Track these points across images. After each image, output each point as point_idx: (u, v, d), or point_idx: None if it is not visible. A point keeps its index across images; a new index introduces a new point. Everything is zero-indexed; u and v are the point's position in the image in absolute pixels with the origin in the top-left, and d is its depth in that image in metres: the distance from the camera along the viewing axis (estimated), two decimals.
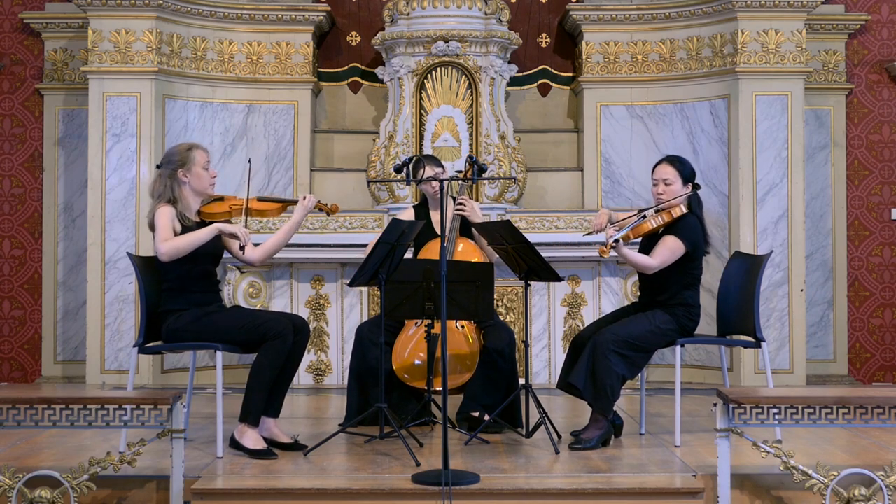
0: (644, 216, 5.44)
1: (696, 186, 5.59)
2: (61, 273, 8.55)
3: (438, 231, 5.93)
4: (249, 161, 5.69)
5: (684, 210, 5.48)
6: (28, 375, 8.65)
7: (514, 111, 8.60)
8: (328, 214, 5.60)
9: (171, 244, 5.13)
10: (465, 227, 5.99)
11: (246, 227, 5.29)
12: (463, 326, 5.82)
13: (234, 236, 5.23)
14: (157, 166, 5.38)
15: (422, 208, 6.13)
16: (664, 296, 5.49)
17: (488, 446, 5.38)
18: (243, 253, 5.30)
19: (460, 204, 5.90)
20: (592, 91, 8.46)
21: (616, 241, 5.21)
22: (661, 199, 5.50)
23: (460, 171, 6.09)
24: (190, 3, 8.15)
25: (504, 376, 5.78)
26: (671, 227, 5.46)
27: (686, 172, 5.55)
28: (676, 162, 5.57)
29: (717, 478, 4.55)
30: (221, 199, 5.43)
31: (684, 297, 5.49)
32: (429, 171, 5.95)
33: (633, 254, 5.44)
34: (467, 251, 5.90)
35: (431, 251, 5.88)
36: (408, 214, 6.11)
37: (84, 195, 8.25)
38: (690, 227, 5.48)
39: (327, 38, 8.81)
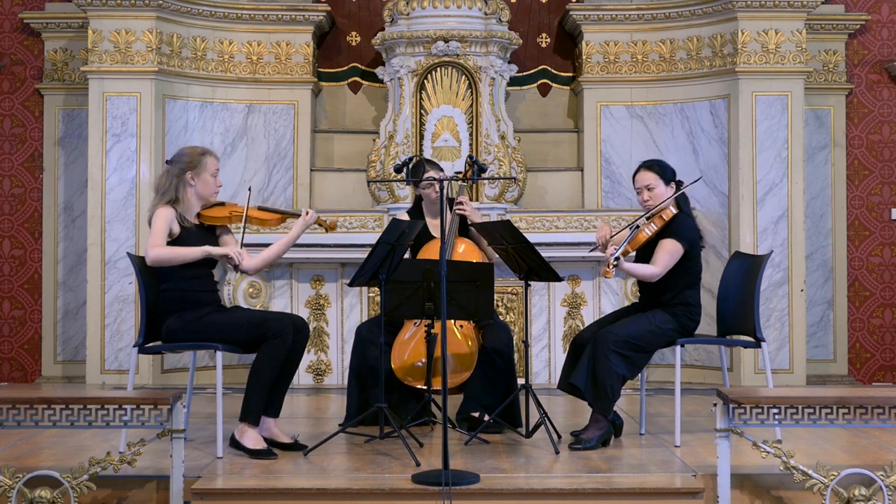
0: (637, 227, 5.45)
1: (680, 184, 5.59)
2: (61, 273, 8.55)
3: (435, 234, 5.93)
4: (249, 189, 5.64)
5: (674, 210, 5.49)
6: (28, 375, 8.65)
7: (514, 111, 8.60)
8: (326, 231, 5.59)
9: (158, 252, 5.14)
10: (463, 229, 5.99)
11: (244, 233, 5.29)
12: (462, 326, 5.82)
13: (225, 258, 5.25)
14: (167, 162, 5.38)
15: (417, 213, 6.10)
16: (665, 296, 5.49)
17: (488, 446, 5.38)
18: (235, 272, 5.33)
19: (459, 204, 5.89)
20: (592, 91, 8.46)
21: (617, 258, 5.22)
22: (649, 206, 5.50)
23: (460, 172, 6.08)
24: (190, 3, 8.15)
25: (503, 375, 5.78)
26: (665, 230, 5.46)
27: (666, 174, 5.55)
28: (654, 166, 5.58)
29: (717, 478, 4.55)
30: (222, 204, 5.45)
31: (685, 296, 5.50)
32: (431, 174, 5.94)
33: (635, 267, 5.45)
34: (467, 252, 5.90)
35: (430, 252, 5.87)
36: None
37: (84, 195, 8.25)
38: (685, 226, 5.48)
39: (327, 38, 8.81)
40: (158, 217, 5.22)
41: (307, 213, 5.42)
